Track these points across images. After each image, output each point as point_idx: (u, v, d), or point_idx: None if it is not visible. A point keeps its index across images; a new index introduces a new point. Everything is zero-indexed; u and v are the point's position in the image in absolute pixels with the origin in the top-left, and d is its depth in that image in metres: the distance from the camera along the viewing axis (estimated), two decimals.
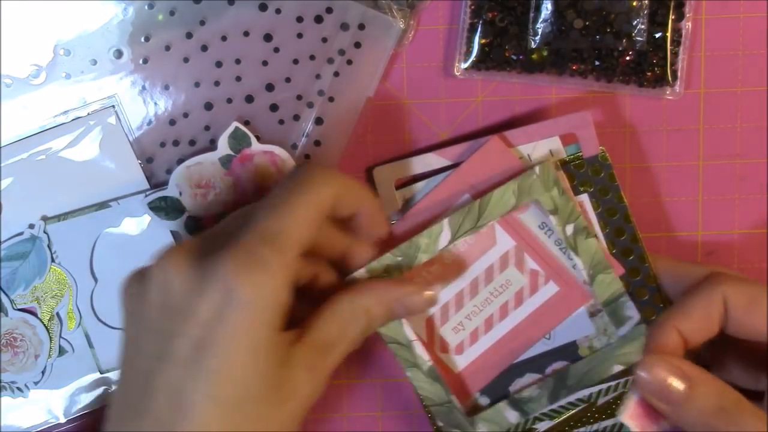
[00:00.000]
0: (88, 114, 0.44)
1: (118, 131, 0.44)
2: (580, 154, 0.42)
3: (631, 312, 0.42)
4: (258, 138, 0.44)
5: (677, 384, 0.35)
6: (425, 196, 0.41)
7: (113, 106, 0.44)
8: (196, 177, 0.44)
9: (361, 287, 0.38)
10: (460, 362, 0.42)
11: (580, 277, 0.41)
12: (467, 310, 0.42)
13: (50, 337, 0.45)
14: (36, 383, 0.45)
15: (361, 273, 0.39)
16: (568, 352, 0.42)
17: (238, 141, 0.44)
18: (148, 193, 0.44)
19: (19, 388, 0.45)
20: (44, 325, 0.45)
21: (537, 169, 0.40)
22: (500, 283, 0.42)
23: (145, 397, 0.33)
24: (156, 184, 0.45)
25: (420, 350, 0.40)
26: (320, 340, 0.35)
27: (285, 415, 0.34)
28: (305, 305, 0.37)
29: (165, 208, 0.44)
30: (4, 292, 0.45)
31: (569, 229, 0.41)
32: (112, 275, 0.45)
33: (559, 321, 0.42)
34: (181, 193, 0.44)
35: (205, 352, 0.32)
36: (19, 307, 0.45)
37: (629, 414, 0.37)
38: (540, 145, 0.42)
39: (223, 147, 0.44)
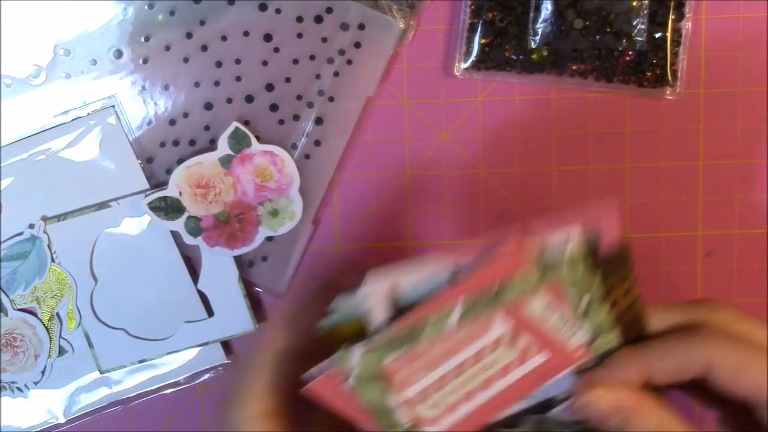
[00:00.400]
0: (88, 114, 0.44)
1: (118, 131, 0.44)
2: (599, 243, 0.37)
3: None
4: (258, 138, 0.44)
5: (616, 415, 0.36)
6: (421, 304, 0.37)
7: (113, 106, 0.44)
8: (196, 177, 0.44)
9: None
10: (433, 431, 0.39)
11: (580, 341, 0.39)
12: (449, 388, 0.38)
13: (50, 337, 0.45)
14: (36, 383, 0.45)
15: (359, 350, 0.36)
16: (546, 406, 0.40)
17: (238, 141, 0.44)
18: (148, 193, 0.44)
19: (19, 388, 0.45)
20: (44, 325, 0.45)
21: (568, 248, 0.36)
22: (488, 362, 0.39)
23: None
24: (156, 184, 0.45)
25: (403, 415, 0.39)
26: None
27: None
28: None
29: (165, 208, 0.44)
30: (4, 292, 0.45)
31: (585, 299, 0.38)
32: (112, 275, 0.45)
33: (543, 383, 0.40)
34: (181, 193, 0.44)
35: None
36: (19, 307, 0.45)
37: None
38: (556, 233, 0.37)
39: (223, 147, 0.44)
